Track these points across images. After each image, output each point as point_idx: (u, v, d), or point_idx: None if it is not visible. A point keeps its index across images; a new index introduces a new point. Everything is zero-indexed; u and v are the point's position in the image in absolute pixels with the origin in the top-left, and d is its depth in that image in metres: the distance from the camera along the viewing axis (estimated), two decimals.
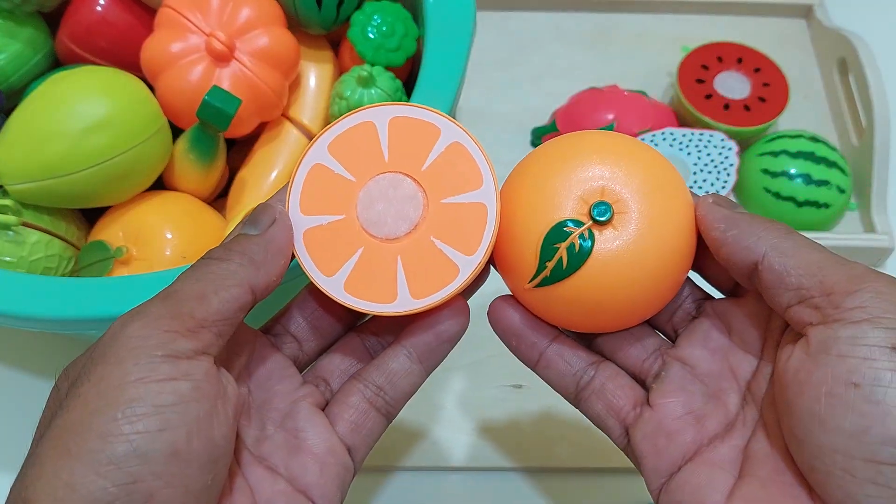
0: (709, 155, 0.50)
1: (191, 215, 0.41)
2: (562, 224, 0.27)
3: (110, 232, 0.40)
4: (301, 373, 0.30)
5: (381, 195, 0.28)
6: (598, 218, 0.26)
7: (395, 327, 0.31)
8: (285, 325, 0.30)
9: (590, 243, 0.26)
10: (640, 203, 0.27)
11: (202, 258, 0.26)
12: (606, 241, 0.26)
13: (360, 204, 0.28)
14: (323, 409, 0.29)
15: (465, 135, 0.28)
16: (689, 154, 0.50)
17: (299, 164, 0.29)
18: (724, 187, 0.49)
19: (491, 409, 0.44)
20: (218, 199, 0.45)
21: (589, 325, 0.29)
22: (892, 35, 0.58)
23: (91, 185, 0.38)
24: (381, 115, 0.28)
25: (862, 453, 0.22)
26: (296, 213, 0.28)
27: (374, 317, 0.31)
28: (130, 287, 0.34)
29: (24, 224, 0.39)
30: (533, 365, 0.31)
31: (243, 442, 0.27)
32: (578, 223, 0.27)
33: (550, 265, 0.27)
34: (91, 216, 0.43)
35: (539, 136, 0.54)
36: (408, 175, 0.28)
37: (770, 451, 0.26)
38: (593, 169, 0.27)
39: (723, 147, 0.50)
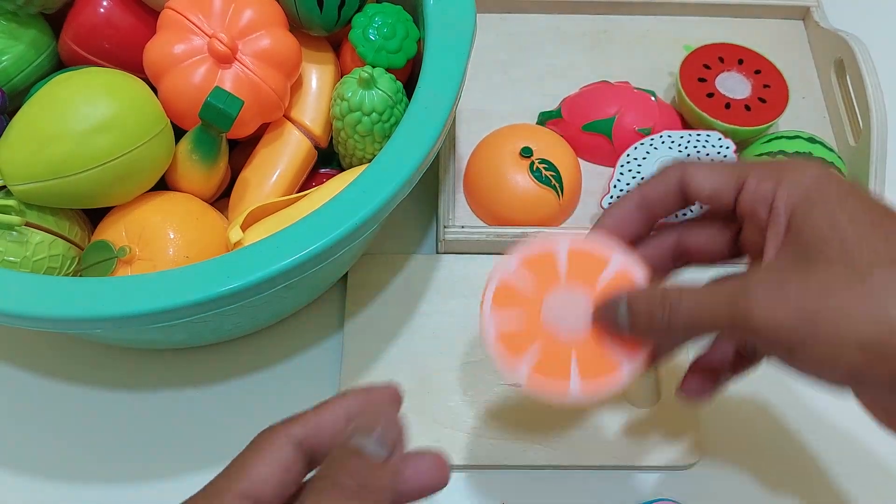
0: (707, 155, 0.50)
1: (193, 215, 0.41)
2: None
3: (113, 232, 0.41)
4: None
5: (563, 303, 0.33)
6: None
7: None
8: None
9: None
10: None
11: (326, 482, 0.23)
12: None
13: (545, 306, 0.33)
14: None
15: (634, 263, 0.33)
16: (688, 155, 0.50)
17: (496, 270, 0.33)
18: None
19: (491, 407, 0.45)
20: (220, 199, 0.46)
21: None
22: (888, 36, 0.59)
23: (94, 185, 0.38)
24: (563, 244, 0.34)
25: None
26: (488, 309, 0.33)
27: None
28: (133, 287, 0.35)
29: (28, 224, 0.39)
30: None
31: None
32: None
33: None
34: (94, 216, 0.43)
35: (544, 120, 0.55)
36: (584, 290, 0.33)
37: None
38: None
39: (720, 146, 0.50)
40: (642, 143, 0.51)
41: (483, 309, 0.32)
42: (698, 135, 0.51)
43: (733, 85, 0.53)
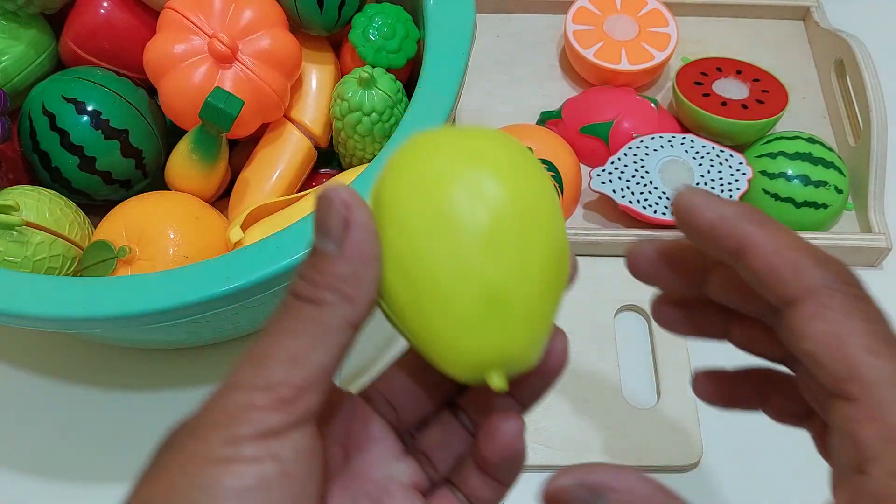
0: (720, 172, 0.49)
1: (193, 215, 0.41)
2: None
3: (114, 232, 0.41)
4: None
5: (617, 22, 0.55)
6: None
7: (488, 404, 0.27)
8: (381, 390, 0.27)
9: None
10: None
11: (291, 298, 0.22)
12: None
13: (605, 23, 0.55)
14: (424, 493, 0.26)
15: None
16: (700, 165, 0.49)
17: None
18: None
19: None
20: (220, 199, 0.46)
21: None
22: (889, 36, 0.59)
23: None
24: None
25: None
26: (570, 17, 0.56)
27: (471, 390, 0.28)
28: (133, 287, 0.35)
29: (28, 224, 0.39)
30: None
31: None
32: None
33: None
34: (94, 216, 0.43)
35: (544, 119, 0.55)
36: (630, 16, 0.56)
37: None
38: None
39: (737, 170, 0.49)
40: (661, 136, 0.50)
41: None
42: (721, 150, 0.50)
43: (730, 88, 0.53)
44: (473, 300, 0.22)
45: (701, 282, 0.27)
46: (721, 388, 0.29)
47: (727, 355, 0.48)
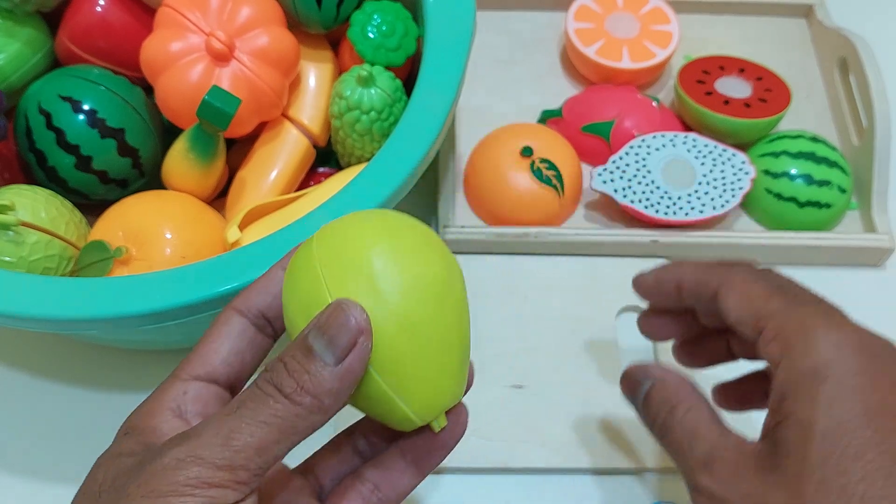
0: (722, 172, 0.49)
1: (190, 215, 0.41)
2: None
3: (110, 232, 0.40)
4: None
5: (619, 20, 0.55)
6: None
7: (386, 431, 0.30)
8: (313, 467, 0.30)
9: None
10: None
11: (269, 386, 0.24)
12: None
13: (607, 21, 0.55)
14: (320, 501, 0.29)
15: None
16: (702, 164, 0.49)
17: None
18: (723, 206, 0.48)
19: (492, 409, 0.44)
20: (218, 198, 0.45)
21: None
22: (892, 34, 0.58)
23: None
24: None
25: None
26: (572, 13, 0.55)
27: (366, 418, 0.31)
28: (130, 287, 0.35)
29: (24, 224, 0.39)
30: None
31: None
32: None
33: None
34: (91, 216, 0.43)
35: (545, 118, 0.55)
36: (632, 13, 0.55)
37: None
38: None
39: (740, 169, 0.49)
40: (663, 135, 0.50)
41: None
42: (724, 150, 0.50)
43: (733, 86, 0.53)
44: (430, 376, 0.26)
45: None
46: (734, 394, 0.36)
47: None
